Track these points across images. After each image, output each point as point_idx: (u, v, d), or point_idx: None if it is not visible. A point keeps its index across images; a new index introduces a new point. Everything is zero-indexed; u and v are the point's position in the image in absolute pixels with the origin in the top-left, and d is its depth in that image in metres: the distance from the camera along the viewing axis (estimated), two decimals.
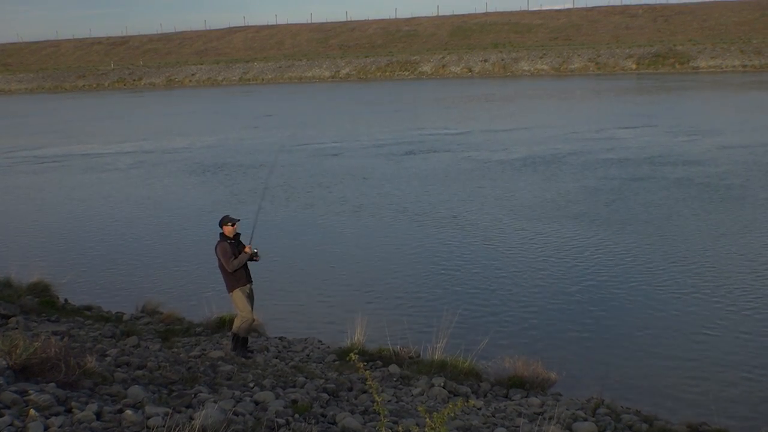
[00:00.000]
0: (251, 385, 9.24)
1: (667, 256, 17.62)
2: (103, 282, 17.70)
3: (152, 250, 20.55)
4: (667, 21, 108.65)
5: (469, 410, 9.34)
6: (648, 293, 15.26)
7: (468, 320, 13.88)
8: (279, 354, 12.01)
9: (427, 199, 24.85)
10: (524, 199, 24.18)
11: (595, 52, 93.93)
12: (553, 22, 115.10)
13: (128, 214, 25.46)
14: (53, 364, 7.61)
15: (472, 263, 17.88)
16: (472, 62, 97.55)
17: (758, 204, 22.13)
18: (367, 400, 9.14)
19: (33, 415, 6.36)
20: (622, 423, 9.37)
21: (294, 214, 23.84)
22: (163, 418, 6.70)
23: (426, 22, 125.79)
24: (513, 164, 30.70)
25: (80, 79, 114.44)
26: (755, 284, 15.42)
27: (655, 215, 21.41)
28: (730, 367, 11.83)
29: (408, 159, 33.53)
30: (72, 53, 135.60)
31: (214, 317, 13.35)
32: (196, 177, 31.75)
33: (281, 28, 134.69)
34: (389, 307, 15.07)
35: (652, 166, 28.86)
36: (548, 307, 14.79)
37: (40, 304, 13.81)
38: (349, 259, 18.80)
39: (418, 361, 11.45)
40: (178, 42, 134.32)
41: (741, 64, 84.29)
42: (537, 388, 10.69)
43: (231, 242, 11.19)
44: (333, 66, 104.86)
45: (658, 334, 13.24)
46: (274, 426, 7.28)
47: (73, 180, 32.92)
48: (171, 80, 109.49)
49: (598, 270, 16.87)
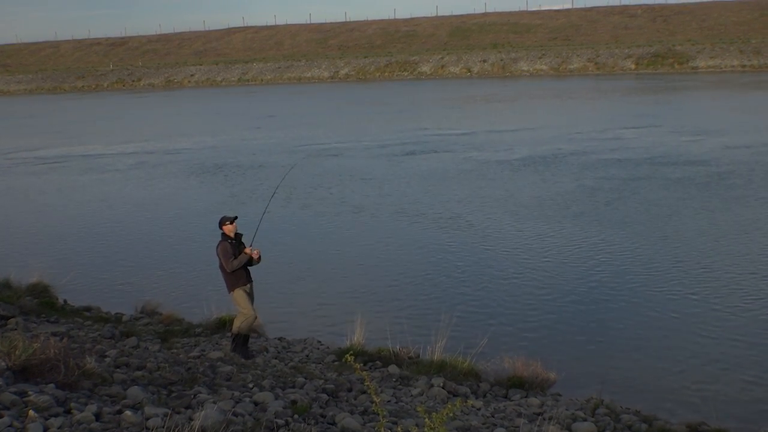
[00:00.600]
0: (250, 386, 9.24)
1: (667, 256, 17.62)
2: (102, 283, 17.69)
3: (152, 250, 20.54)
4: (666, 21, 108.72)
5: (468, 410, 9.35)
6: (647, 293, 15.25)
7: (467, 320, 13.89)
8: (278, 354, 12.01)
9: (427, 200, 24.85)
10: (524, 200, 24.18)
11: (594, 52, 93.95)
12: (552, 23, 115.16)
13: (128, 214, 25.45)
14: (52, 365, 7.61)
15: (472, 263, 17.87)
16: (471, 62, 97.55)
17: (759, 204, 22.13)
18: (367, 401, 9.13)
19: (32, 416, 6.36)
20: (621, 423, 9.37)
21: (293, 214, 23.82)
22: (163, 419, 6.70)
23: (425, 22, 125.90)
24: (513, 164, 30.70)
25: (79, 80, 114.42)
26: (755, 284, 15.41)
27: (656, 215, 21.41)
28: (729, 368, 11.82)
29: (408, 159, 33.52)
30: (71, 54, 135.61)
31: (214, 318, 13.35)
32: (196, 178, 31.74)
33: (280, 29, 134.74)
34: (388, 307, 15.07)
35: (654, 165, 28.86)
36: (548, 307, 14.78)
37: (39, 305, 13.80)
38: (349, 259, 18.80)
39: (417, 362, 11.45)
40: (177, 43, 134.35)
41: (740, 64, 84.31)
42: (536, 389, 10.69)
43: (232, 242, 11.19)
44: (332, 66, 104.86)
45: (658, 334, 13.23)
46: (274, 426, 7.28)
47: (72, 181, 32.91)
48: (170, 81, 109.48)
49: (597, 270, 16.87)
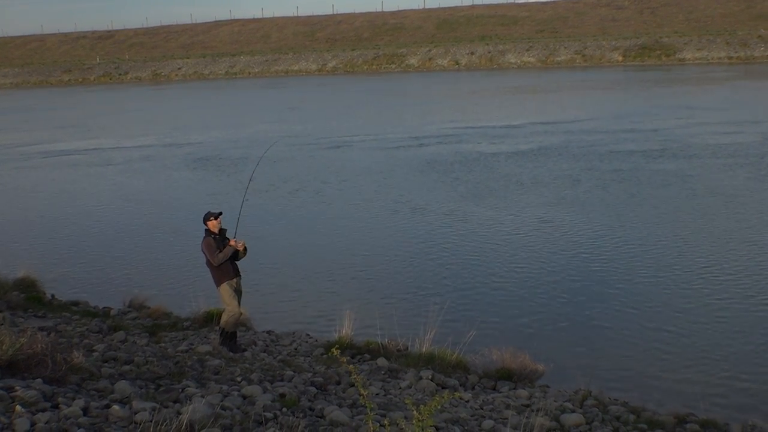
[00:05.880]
0: (239, 380, 9.22)
1: (656, 248, 17.69)
2: (90, 277, 17.64)
3: (139, 244, 20.47)
4: (653, 13, 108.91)
5: (457, 402, 9.36)
6: (636, 285, 15.32)
7: (456, 313, 13.91)
8: (267, 348, 12.00)
9: (418, 193, 24.85)
10: (514, 194, 24.21)
11: (581, 44, 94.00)
12: (539, 15, 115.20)
13: (116, 209, 25.37)
14: (40, 359, 7.58)
15: (460, 256, 17.89)
16: (458, 55, 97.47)
17: (756, 202, 22.26)
18: (355, 394, 9.13)
19: (19, 410, 6.33)
20: (609, 414, 9.41)
21: (282, 207, 23.80)
22: (151, 413, 6.68)
23: (412, 15, 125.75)
24: (505, 157, 30.74)
25: (66, 74, 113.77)
26: (747, 278, 15.48)
27: (647, 207, 21.50)
28: (717, 359, 11.90)
29: (401, 152, 33.50)
30: (57, 47, 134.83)
31: (202, 312, 13.33)
32: (185, 172, 31.64)
33: (267, 22, 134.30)
34: (377, 300, 15.08)
35: (645, 158, 28.97)
36: (536, 299, 14.83)
37: (26, 300, 13.76)
38: (337, 252, 18.78)
39: (406, 354, 11.46)
40: (163, 36, 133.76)
41: (726, 55, 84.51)
42: (525, 380, 10.72)
43: (215, 237, 11.18)
44: (320, 59, 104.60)
45: (646, 326, 13.29)
46: (262, 420, 7.27)
47: (60, 175, 32.76)
48: (157, 74, 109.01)
49: (586, 262, 16.93)
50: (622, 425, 9.07)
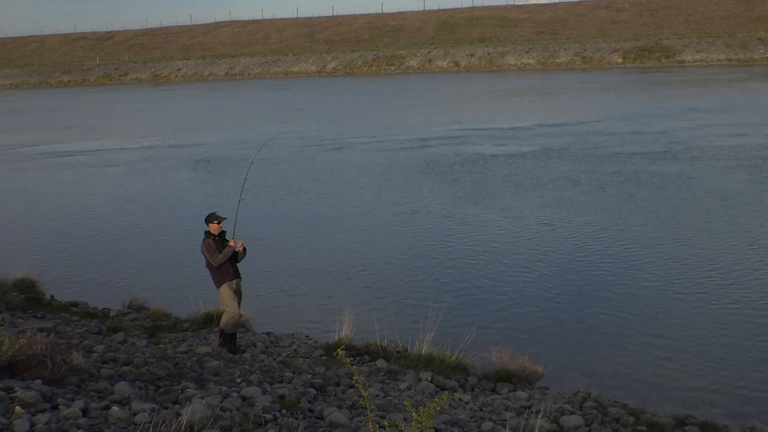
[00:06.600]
0: (238, 381, 9.22)
1: (656, 250, 17.68)
2: (89, 278, 17.63)
3: (139, 245, 20.46)
4: (652, 15, 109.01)
5: (456, 404, 9.36)
6: (635, 287, 15.31)
7: (455, 314, 13.91)
8: (266, 349, 12.00)
9: (418, 195, 24.84)
10: (514, 196, 24.20)
11: (581, 46, 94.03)
12: (539, 17, 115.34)
13: (116, 209, 25.35)
14: (39, 360, 7.58)
15: (459, 258, 17.88)
16: (458, 57, 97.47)
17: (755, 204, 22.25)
18: (355, 395, 9.14)
19: (19, 411, 6.32)
20: (608, 416, 9.41)
21: (282, 208, 23.78)
22: (150, 414, 6.68)
23: (412, 16, 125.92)
24: (505, 159, 30.74)
25: (65, 75, 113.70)
26: (744, 280, 15.48)
27: (646, 209, 21.49)
28: (717, 360, 11.89)
29: (401, 153, 33.50)
30: (57, 48, 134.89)
31: (201, 313, 13.33)
32: (185, 173, 31.63)
33: (267, 23, 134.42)
34: (377, 301, 15.07)
35: (645, 159, 28.97)
36: (536, 301, 14.82)
37: (26, 301, 13.76)
38: (337, 253, 18.77)
39: (405, 356, 11.45)
40: (163, 37, 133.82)
41: (726, 58, 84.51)
42: (524, 382, 10.72)
43: (215, 238, 11.19)
44: (319, 61, 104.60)
45: (645, 328, 13.28)
46: (262, 421, 7.27)
47: (60, 176, 32.75)
48: (157, 75, 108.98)
49: (585, 264, 16.92)
50: (621, 427, 9.07)
